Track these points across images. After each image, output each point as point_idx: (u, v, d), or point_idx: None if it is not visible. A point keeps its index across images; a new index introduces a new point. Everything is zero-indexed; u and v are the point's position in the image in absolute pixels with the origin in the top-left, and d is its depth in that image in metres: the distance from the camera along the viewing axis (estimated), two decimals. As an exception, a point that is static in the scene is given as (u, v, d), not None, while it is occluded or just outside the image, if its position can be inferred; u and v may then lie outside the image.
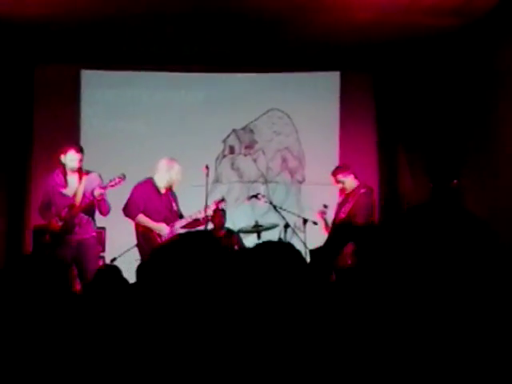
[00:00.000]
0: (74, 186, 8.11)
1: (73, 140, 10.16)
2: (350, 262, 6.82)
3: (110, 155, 10.21)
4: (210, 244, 1.92)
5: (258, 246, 2.30)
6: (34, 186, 10.04)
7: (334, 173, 8.69)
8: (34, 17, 8.51)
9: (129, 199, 8.42)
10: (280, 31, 9.11)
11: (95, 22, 8.77)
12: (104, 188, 7.96)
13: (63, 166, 8.15)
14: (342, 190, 8.68)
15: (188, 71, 10.67)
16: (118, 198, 8.39)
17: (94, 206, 8.07)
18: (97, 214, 8.29)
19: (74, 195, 8.07)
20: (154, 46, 9.93)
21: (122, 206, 8.44)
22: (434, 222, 2.15)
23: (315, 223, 8.83)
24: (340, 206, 8.66)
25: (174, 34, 9.32)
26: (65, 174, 8.15)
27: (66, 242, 7.97)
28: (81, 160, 8.12)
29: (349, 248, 4.26)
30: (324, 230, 8.57)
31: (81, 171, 8.17)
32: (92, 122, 10.65)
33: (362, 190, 8.53)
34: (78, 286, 7.70)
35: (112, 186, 8.00)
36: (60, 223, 8.01)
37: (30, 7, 8.22)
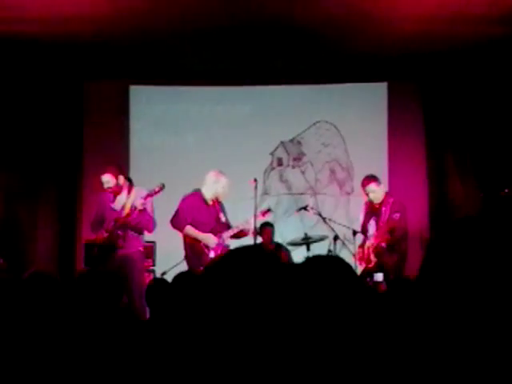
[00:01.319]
0: (123, 201, 8.20)
1: (122, 155, 10.34)
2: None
3: (159, 169, 10.31)
4: (265, 258, 1.92)
5: (307, 260, 2.30)
6: (85, 200, 10.18)
7: (365, 183, 8.63)
8: (84, 34, 8.65)
9: (176, 211, 8.47)
10: (327, 43, 9.11)
11: (144, 38, 8.88)
12: (144, 198, 8.01)
13: None
14: (370, 202, 8.64)
15: (235, 85, 10.73)
16: (167, 211, 8.46)
17: (140, 220, 8.11)
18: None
19: (122, 209, 8.16)
20: (201, 60, 10.00)
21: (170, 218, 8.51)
22: (487, 235, 2.12)
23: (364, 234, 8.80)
24: (370, 217, 8.64)
25: (221, 48, 9.39)
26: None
27: (112, 256, 8.05)
28: (116, 182, 8.22)
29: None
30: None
31: (130, 186, 8.28)
32: (141, 137, 10.76)
33: (391, 199, 8.49)
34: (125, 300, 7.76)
35: (151, 195, 8.07)
36: (105, 235, 8.11)
37: (80, 25, 8.35)
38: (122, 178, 8.28)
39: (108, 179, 8.23)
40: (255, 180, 8.59)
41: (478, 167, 9.58)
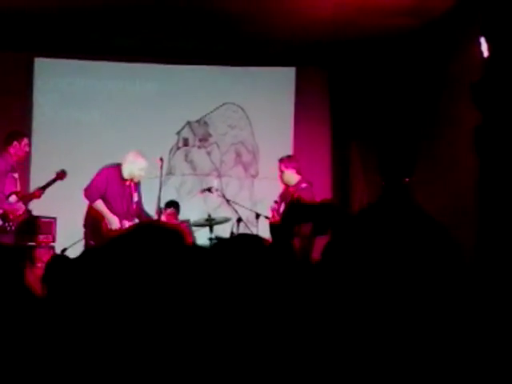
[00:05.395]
0: None
1: (25, 128, 10.09)
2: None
3: (62, 144, 10.13)
4: (174, 237, 1.92)
5: (233, 238, 2.31)
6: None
7: (280, 162, 8.69)
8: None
9: (92, 181, 8.32)
10: (237, 26, 9.11)
11: (49, 9, 8.66)
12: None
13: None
14: (286, 186, 8.73)
15: (142, 62, 10.61)
16: (68, 187, 8.32)
17: None
18: (46, 203, 8.27)
19: None
20: (108, 35, 9.85)
21: (75, 193, 8.38)
22: (386, 219, 2.19)
23: (267, 218, 8.87)
24: (281, 199, 8.72)
25: (129, 24, 9.26)
26: None
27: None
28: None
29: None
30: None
31: None
32: (45, 111, 10.53)
33: (303, 185, 8.56)
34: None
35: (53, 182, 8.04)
36: None
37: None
38: None
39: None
40: (161, 159, 8.54)
41: (381, 156, 9.75)
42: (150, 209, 8.55)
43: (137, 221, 8.35)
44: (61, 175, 8.07)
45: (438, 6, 8.14)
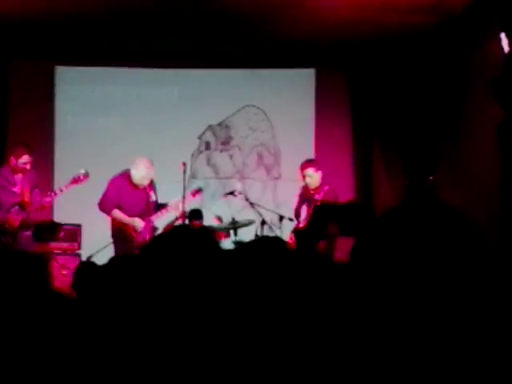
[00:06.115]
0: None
1: (47, 135, 10.20)
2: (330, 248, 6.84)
3: (85, 150, 10.19)
4: (207, 239, 1.93)
5: (255, 241, 2.32)
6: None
7: (304, 166, 8.71)
8: (8, 12, 8.45)
9: (104, 193, 8.43)
10: (257, 28, 9.12)
11: (69, 18, 8.72)
12: (66, 186, 8.15)
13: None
14: (306, 187, 8.75)
15: (162, 67, 10.65)
16: (92, 194, 8.39)
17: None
18: (68, 211, 8.39)
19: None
20: (127, 41, 9.90)
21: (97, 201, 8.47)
22: (414, 218, 2.18)
23: (291, 219, 8.88)
24: (301, 200, 8.75)
25: (148, 30, 9.30)
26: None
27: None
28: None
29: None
30: None
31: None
32: (67, 118, 10.60)
33: (326, 187, 8.58)
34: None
35: (74, 182, 8.11)
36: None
37: (5, 3, 8.17)
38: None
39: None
40: (184, 163, 8.59)
41: (404, 155, 9.70)
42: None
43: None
44: (77, 180, 8.17)
45: (457, 3, 8.10)
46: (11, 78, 10.41)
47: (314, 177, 8.63)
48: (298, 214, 8.88)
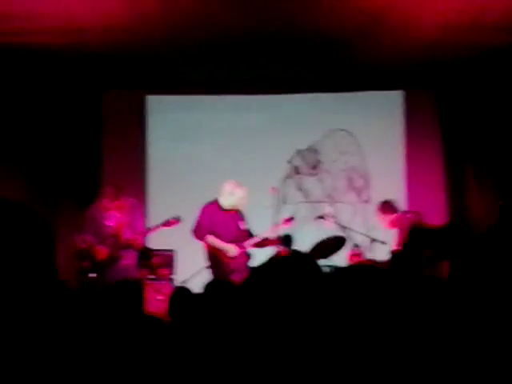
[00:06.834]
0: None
1: (140, 165, 10.42)
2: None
3: (177, 179, 10.37)
4: (311, 267, 1.94)
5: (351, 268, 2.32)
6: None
7: (379, 209, 8.86)
8: (100, 44, 8.68)
9: (196, 221, 8.57)
10: (343, 51, 9.12)
11: (160, 47, 8.90)
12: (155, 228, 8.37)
13: None
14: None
15: (252, 93, 10.75)
16: (185, 220, 8.51)
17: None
18: (168, 236, 8.54)
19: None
20: (218, 69, 10.04)
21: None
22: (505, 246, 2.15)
23: (383, 242, 8.81)
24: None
25: (238, 57, 9.41)
26: None
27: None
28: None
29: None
30: None
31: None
32: (158, 147, 10.81)
33: (408, 216, 8.62)
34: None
35: (165, 226, 8.23)
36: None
37: (96, 35, 8.39)
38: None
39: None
40: (275, 188, 8.64)
41: (497, 176, 9.54)
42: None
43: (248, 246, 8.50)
44: (168, 223, 8.31)
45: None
46: (105, 108, 10.68)
47: (383, 221, 8.79)
48: None
